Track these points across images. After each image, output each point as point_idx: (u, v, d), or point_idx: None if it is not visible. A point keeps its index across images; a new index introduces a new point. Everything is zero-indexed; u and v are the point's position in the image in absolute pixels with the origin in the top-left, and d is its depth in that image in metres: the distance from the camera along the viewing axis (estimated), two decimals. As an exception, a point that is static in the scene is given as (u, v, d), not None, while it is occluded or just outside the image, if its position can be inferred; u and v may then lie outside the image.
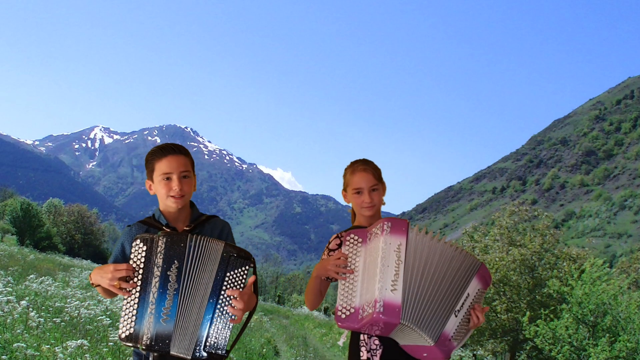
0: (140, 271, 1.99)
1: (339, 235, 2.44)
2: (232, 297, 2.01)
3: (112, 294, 2.14)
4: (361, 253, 2.19)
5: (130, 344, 1.95)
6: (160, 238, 1.99)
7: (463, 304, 2.17)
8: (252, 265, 2.08)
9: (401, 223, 2.17)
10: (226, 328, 2.01)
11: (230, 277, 2.02)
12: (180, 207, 2.17)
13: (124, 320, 1.97)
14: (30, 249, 33.11)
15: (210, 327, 2.00)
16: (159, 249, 1.98)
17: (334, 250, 2.41)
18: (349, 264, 2.19)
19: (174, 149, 2.18)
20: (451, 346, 2.13)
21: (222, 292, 2.01)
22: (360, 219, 2.48)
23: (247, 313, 2.15)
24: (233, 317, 2.01)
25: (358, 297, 2.12)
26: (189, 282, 1.98)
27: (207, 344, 1.98)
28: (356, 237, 2.23)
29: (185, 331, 1.97)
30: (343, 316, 2.12)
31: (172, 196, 2.14)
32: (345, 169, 2.50)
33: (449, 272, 2.17)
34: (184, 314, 1.97)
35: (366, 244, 2.20)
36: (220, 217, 2.30)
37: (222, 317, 2.01)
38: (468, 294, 2.18)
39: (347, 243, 2.23)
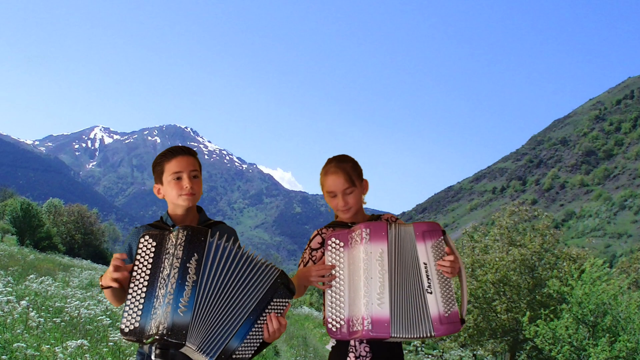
0: (149, 266, 1.94)
1: (320, 232, 2.34)
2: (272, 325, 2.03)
3: (120, 299, 2.11)
4: (344, 259, 2.10)
5: (133, 339, 1.89)
6: (180, 230, 1.95)
7: (429, 275, 2.05)
8: (291, 298, 2.10)
9: (380, 227, 2.06)
10: (253, 348, 2.02)
11: (275, 304, 2.04)
12: (189, 207, 2.19)
13: (128, 315, 1.90)
14: (30, 249, 33.07)
15: (242, 341, 1.99)
16: (178, 241, 1.94)
17: (315, 249, 2.31)
18: (333, 274, 2.11)
19: (182, 150, 2.21)
20: (452, 318, 2.03)
21: (264, 315, 2.02)
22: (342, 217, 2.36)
23: None
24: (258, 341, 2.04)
25: (347, 309, 2.06)
26: (212, 279, 1.95)
27: (234, 356, 1.97)
28: (338, 242, 2.13)
29: (207, 328, 1.92)
30: (334, 329, 2.07)
31: (183, 194, 2.14)
32: (322, 169, 2.36)
33: (408, 257, 2.08)
34: (203, 308, 1.92)
35: (348, 248, 2.10)
36: (220, 218, 2.29)
37: (255, 336, 2.02)
38: (425, 263, 2.06)
39: (329, 249, 2.13)
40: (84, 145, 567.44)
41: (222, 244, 1.98)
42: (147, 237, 1.98)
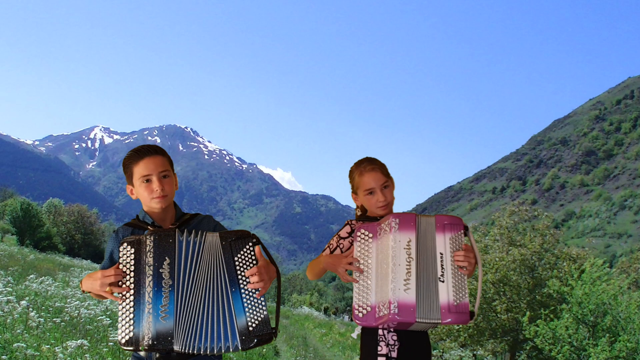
0: (132, 274, 1.96)
1: (350, 222, 2.43)
2: (251, 276, 1.97)
3: (104, 297, 2.11)
4: (373, 249, 2.19)
5: (131, 349, 1.92)
6: (148, 237, 1.96)
7: (443, 266, 2.12)
8: (254, 240, 2.04)
9: (409, 218, 2.14)
10: (261, 309, 1.99)
11: (239, 260, 1.99)
12: (164, 207, 2.13)
13: (122, 325, 1.93)
14: (30, 249, 33.06)
15: (246, 314, 1.96)
16: (147, 247, 1.94)
17: (344, 238, 2.40)
18: (361, 263, 2.19)
19: (149, 150, 2.13)
20: (461, 309, 2.08)
21: (240, 277, 1.98)
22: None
23: (276, 285, 2.18)
24: (257, 291, 1.99)
25: (373, 295, 2.14)
26: (187, 277, 1.95)
27: (250, 331, 1.95)
28: (367, 233, 2.21)
29: (194, 325, 1.93)
30: (360, 315, 2.15)
31: (154, 197, 2.10)
32: (351, 171, 2.44)
33: (429, 246, 2.15)
34: (185, 310, 1.93)
35: (377, 239, 2.19)
36: (220, 218, 2.28)
37: (252, 300, 1.98)
38: (441, 253, 2.14)
39: (358, 239, 2.22)
40: (84, 145, 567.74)
41: (192, 240, 1.97)
42: (125, 245, 1.98)
